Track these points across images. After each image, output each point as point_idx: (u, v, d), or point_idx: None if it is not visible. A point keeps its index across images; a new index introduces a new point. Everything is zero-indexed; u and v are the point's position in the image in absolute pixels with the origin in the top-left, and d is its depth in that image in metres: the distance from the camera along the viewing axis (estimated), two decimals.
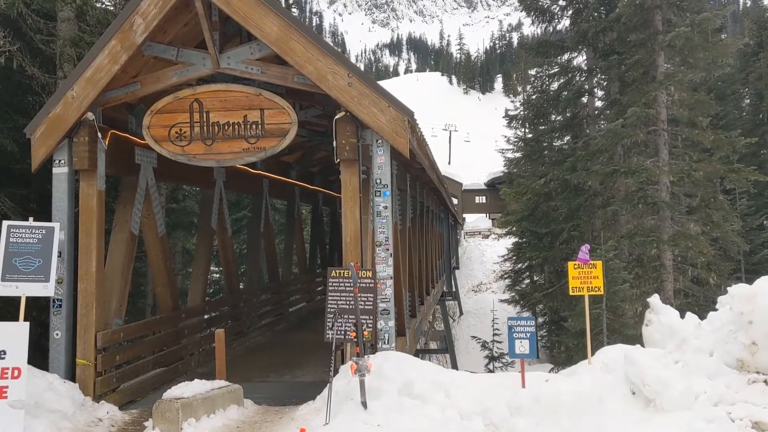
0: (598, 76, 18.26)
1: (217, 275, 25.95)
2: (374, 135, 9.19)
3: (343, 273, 8.97)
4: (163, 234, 11.34)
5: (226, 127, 9.46)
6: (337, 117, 9.12)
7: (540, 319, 38.08)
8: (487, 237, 69.22)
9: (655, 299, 11.18)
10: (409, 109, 9.09)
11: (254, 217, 17.12)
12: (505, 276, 43.33)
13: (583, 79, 18.63)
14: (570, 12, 19.94)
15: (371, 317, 8.76)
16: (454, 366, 30.09)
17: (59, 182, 9.46)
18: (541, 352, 39.54)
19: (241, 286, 17.37)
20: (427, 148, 12.65)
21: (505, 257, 42.67)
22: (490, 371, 28.30)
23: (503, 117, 45.07)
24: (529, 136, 28.98)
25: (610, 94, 18.68)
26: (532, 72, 44.61)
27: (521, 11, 21.33)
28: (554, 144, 21.10)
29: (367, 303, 8.77)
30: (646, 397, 8.67)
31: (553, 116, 20.45)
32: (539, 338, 39.27)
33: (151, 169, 10.88)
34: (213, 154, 9.52)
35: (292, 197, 19.83)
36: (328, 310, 8.82)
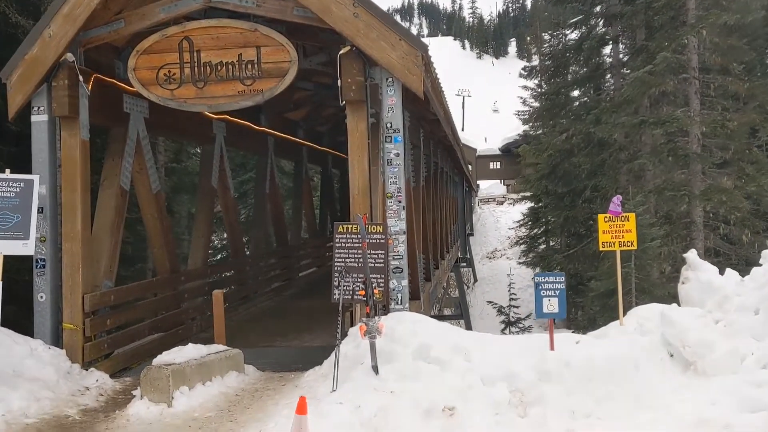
0: (623, 22, 17.07)
1: (226, 241, 25.23)
2: (384, 73, 8.26)
3: (351, 228, 8.13)
4: (158, 190, 10.51)
5: (219, 68, 8.54)
6: (341, 52, 8.18)
7: None
8: (501, 203, 68.35)
9: (692, 254, 10.30)
10: (423, 43, 8.14)
11: (259, 178, 16.27)
12: (521, 242, 42.53)
13: (608, 26, 17.46)
14: None
15: (382, 276, 7.93)
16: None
17: (39, 132, 8.62)
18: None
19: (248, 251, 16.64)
20: (442, 95, 11.69)
21: (521, 222, 41.78)
22: None
23: (522, 71, 43.54)
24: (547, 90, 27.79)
25: (635, 42, 17.50)
26: (547, 36, 43.50)
27: None
28: (574, 97, 19.96)
29: (377, 260, 7.93)
30: (686, 360, 7.86)
31: (575, 68, 19.29)
32: None
33: (141, 120, 10.01)
34: (205, 98, 8.62)
35: (299, 158, 18.94)
36: (335, 268, 7.99)
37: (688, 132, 15.37)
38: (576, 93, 23.12)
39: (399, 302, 8.15)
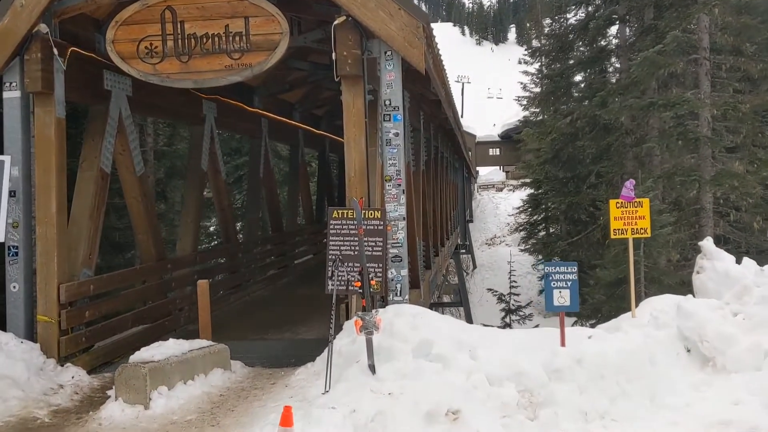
0: (631, 1, 16.38)
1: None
2: (382, 46, 7.64)
3: (347, 213, 7.56)
4: (142, 173, 9.90)
5: (205, 40, 7.91)
6: (336, 22, 7.56)
7: None
8: (500, 190, 67.92)
9: (708, 243, 9.77)
10: (424, 13, 7.52)
11: (253, 161, 15.62)
12: (520, 228, 41.99)
13: (615, 5, 16.78)
14: None
15: (380, 265, 7.38)
16: (469, 320, 28.94)
17: (11, 108, 7.99)
18: None
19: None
20: (444, 73, 11.06)
21: (521, 209, 41.22)
22: (507, 325, 27.12)
23: (523, 54, 42.85)
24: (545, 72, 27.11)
25: (643, 22, 16.83)
26: (548, 21, 42.72)
27: None
28: (578, 80, 19.30)
29: (375, 248, 7.38)
30: (705, 356, 7.35)
31: (582, 48, 18.60)
32: None
33: (124, 98, 9.38)
34: (190, 72, 7.98)
35: (295, 141, 18.29)
36: (329, 256, 7.42)
37: (698, 115, 14.76)
38: (578, 78, 22.57)
39: (398, 293, 7.57)
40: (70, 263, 8.27)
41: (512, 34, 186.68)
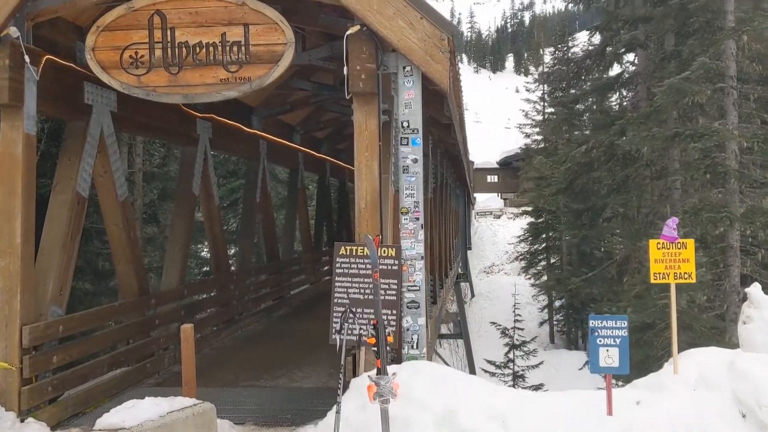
0: (653, 26, 15.54)
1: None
2: (400, 59, 6.68)
3: (356, 250, 6.56)
4: (125, 198, 8.86)
5: (198, 50, 6.93)
6: (349, 32, 6.59)
7: (557, 303, 35.77)
8: (498, 217, 67.37)
9: (756, 290, 8.71)
10: (449, 23, 6.58)
11: (249, 185, 14.61)
12: (521, 257, 41.01)
13: (633, 30, 15.94)
14: None
15: (394, 312, 6.36)
16: (469, 354, 27.78)
17: None
18: (557, 337, 37.39)
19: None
20: (461, 93, 10.12)
21: (521, 238, 40.30)
22: (510, 360, 25.97)
23: (537, 76, 42.42)
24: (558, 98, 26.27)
25: (663, 48, 16.00)
26: (551, 49, 42.26)
27: None
28: (588, 107, 18.41)
29: (389, 292, 6.37)
30: (762, 423, 6.35)
31: (594, 75, 17.76)
32: (555, 323, 37.16)
33: (107, 114, 8.37)
34: (179, 86, 6.98)
35: (295, 165, 17.30)
36: (336, 301, 6.40)
37: (725, 147, 13.86)
38: (579, 106, 21.76)
39: (414, 346, 6.51)
40: (37, 300, 7.20)
41: (510, 62, 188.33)
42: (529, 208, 38.11)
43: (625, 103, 17.30)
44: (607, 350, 5.95)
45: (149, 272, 13.31)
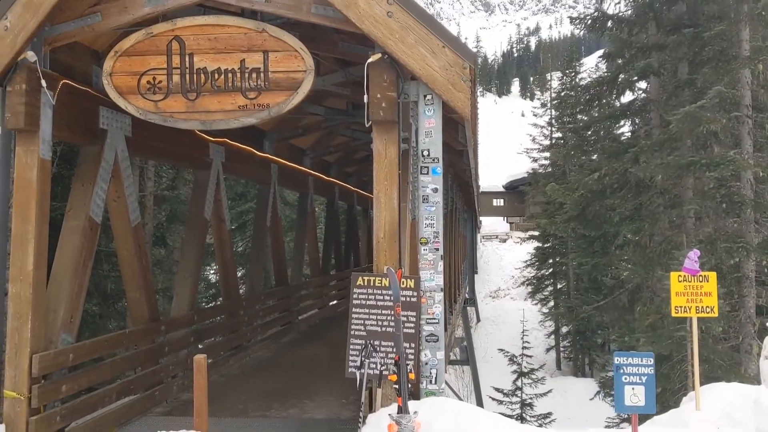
0: (667, 53, 15.51)
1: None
2: (421, 88, 6.60)
3: (374, 281, 6.43)
4: (138, 223, 8.76)
5: (216, 76, 6.86)
6: (370, 60, 6.51)
7: (564, 329, 35.45)
8: (504, 241, 67.26)
9: None
10: (471, 51, 6.49)
11: (260, 209, 14.51)
12: (527, 282, 40.75)
13: (646, 58, 15.89)
14: None
15: (412, 345, 6.20)
16: (476, 381, 27.45)
17: None
18: (564, 364, 37.01)
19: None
20: (477, 120, 10.05)
21: (528, 262, 40.08)
22: (518, 388, 25.66)
23: (544, 101, 42.65)
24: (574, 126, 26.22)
25: (677, 76, 15.95)
26: (558, 74, 42.45)
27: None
28: (607, 133, 18.34)
29: (407, 324, 6.21)
30: None
31: (607, 101, 17.68)
32: (562, 349, 36.79)
33: (122, 138, 8.31)
34: (197, 112, 6.91)
35: (305, 188, 17.22)
36: (353, 333, 6.25)
37: (740, 176, 13.74)
38: (590, 133, 21.75)
39: (433, 381, 6.34)
40: (47, 327, 7.08)
41: (515, 87, 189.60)
42: (536, 233, 37.93)
43: (637, 131, 17.20)
44: (633, 388, 5.79)
45: (156, 294, 13.19)
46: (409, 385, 6.14)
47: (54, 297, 7.28)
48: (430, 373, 6.36)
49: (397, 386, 4.93)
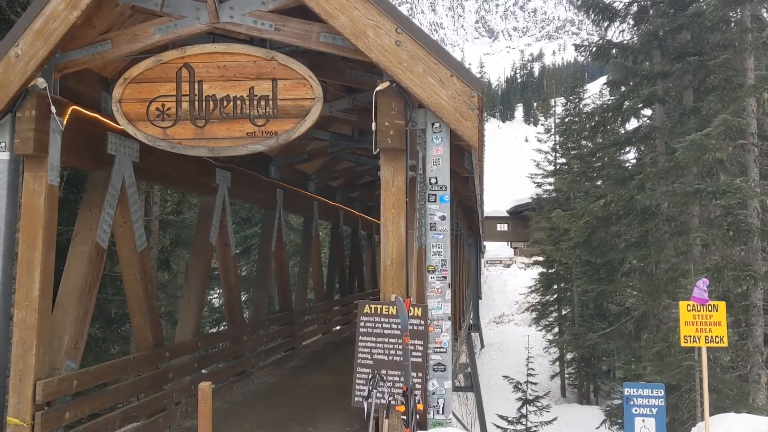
0: (672, 81, 15.56)
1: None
2: (429, 116, 6.63)
3: (381, 309, 6.38)
4: (144, 248, 8.75)
5: (225, 103, 6.90)
6: (379, 88, 6.54)
7: (568, 355, 35.17)
8: (508, 266, 66.98)
9: None
10: (479, 80, 6.51)
11: (265, 234, 14.50)
12: (531, 308, 40.54)
13: (651, 86, 15.93)
14: (634, 10, 17.36)
15: (419, 374, 6.14)
16: (480, 408, 27.18)
17: None
18: (568, 390, 36.65)
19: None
20: (484, 148, 10.06)
21: (532, 288, 39.92)
22: (523, 416, 25.39)
23: (547, 126, 42.92)
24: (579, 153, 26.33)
25: (682, 104, 15.98)
26: (561, 99, 42.68)
27: (579, 13, 18.70)
28: (612, 159, 18.33)
29: (414, 354, 6.16)
30: None
31: (612, 127, 17.70)
32: (566, 376, 36.47)
33: (129, 164, 8.34)
34: (205, 139, 6.93)
35: (309, 213, 17.21)
36: (359, 361, 6.20)
37: (747, 204, 13.70)
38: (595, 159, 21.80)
39: (440, 411, 6.27)
40: (51, 354, 7.05)
41: (519, 112, 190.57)
42: (541, 258, 37.80)
43: (642, 158, 17.21)
44: (643, 420, 5.72)
45: (160, 318, 13.15)
46: (417, 416, 6.08)
47: (59, 323, 7.26)
48: (438, 403, 6.29)
49: (405, 417, 4.87)
